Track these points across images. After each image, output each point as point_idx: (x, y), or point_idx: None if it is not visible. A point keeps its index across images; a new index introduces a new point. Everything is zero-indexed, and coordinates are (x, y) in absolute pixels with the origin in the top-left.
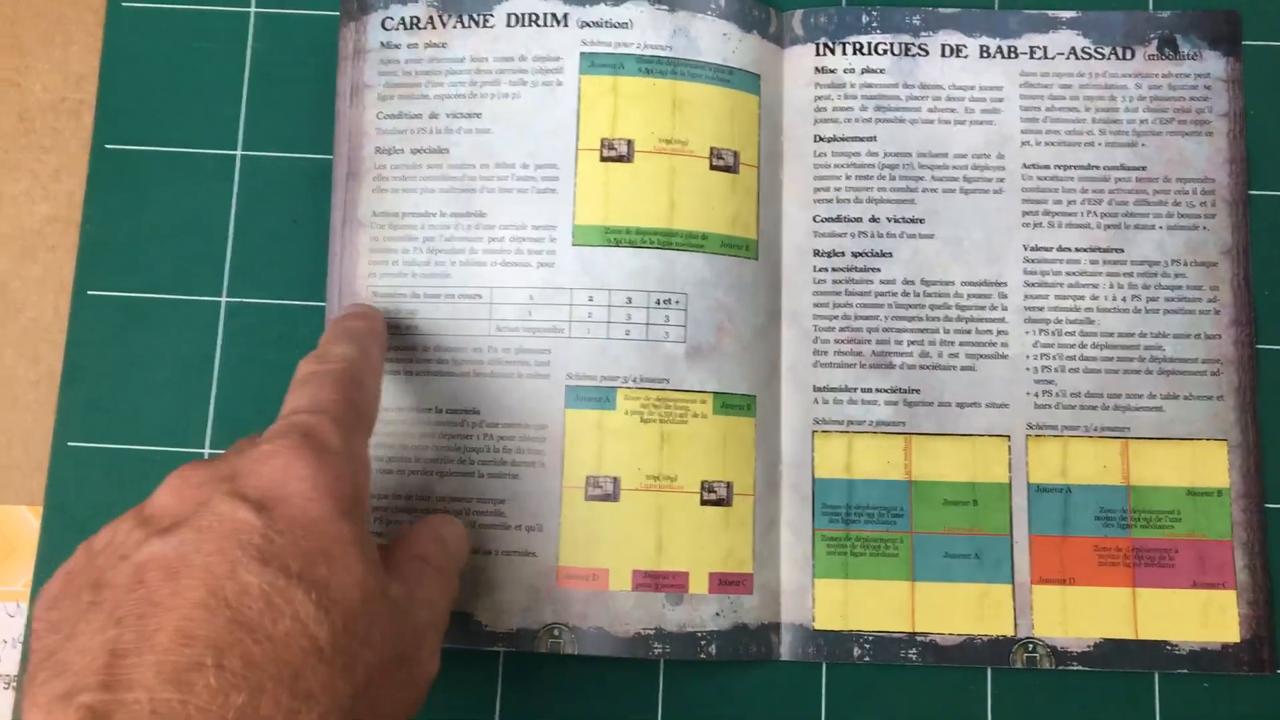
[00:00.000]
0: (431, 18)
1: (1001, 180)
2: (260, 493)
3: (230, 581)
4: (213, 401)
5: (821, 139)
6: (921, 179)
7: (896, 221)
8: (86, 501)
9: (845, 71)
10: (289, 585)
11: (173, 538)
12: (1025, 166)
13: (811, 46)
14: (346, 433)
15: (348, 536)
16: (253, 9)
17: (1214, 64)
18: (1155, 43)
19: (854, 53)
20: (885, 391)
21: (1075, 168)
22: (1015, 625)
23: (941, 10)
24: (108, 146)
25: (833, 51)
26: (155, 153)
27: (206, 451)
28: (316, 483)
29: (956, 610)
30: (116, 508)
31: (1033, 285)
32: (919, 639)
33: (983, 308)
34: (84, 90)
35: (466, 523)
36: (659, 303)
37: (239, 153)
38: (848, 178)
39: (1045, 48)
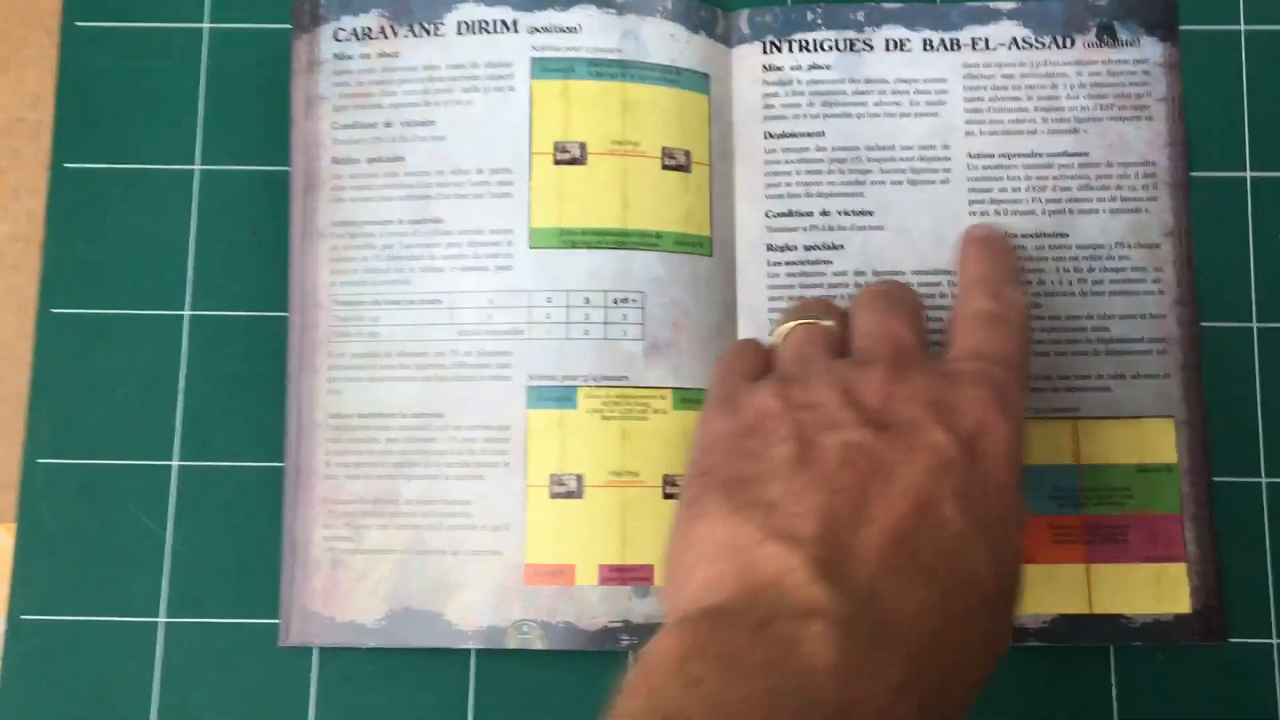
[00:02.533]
0: (383, 28)
1: (948, 170)
2: (968, 437)
3: (935, 510)
4: (179, 413)
5: (771, 135)
6: (870, 172)
7: (847, 214)
8: (59, 517)
9: (792, 69)
10: (977, 538)
11: (884, 438)
12: (970, 156)
13: (759, 45)
14: (1025, 397)
15: (1018, 512)
16: (205, 25)
17: (1152, 50)
18: (1094, 31)
19: (800, 50)
20: None
21: (1019, 156)
22: None
23: (885, 5)
24: (66, 165)
25: (779, 49)
26: (114, 170)
27: (175, 464)
28: (1010, 448)
29: None
30: (89, 522)
31: None
32: None
33: (933, 295)
34: (41, 110)
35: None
36: (616, 302)
37: (197, 167)
38: (798, 173)
39: (987, 39)
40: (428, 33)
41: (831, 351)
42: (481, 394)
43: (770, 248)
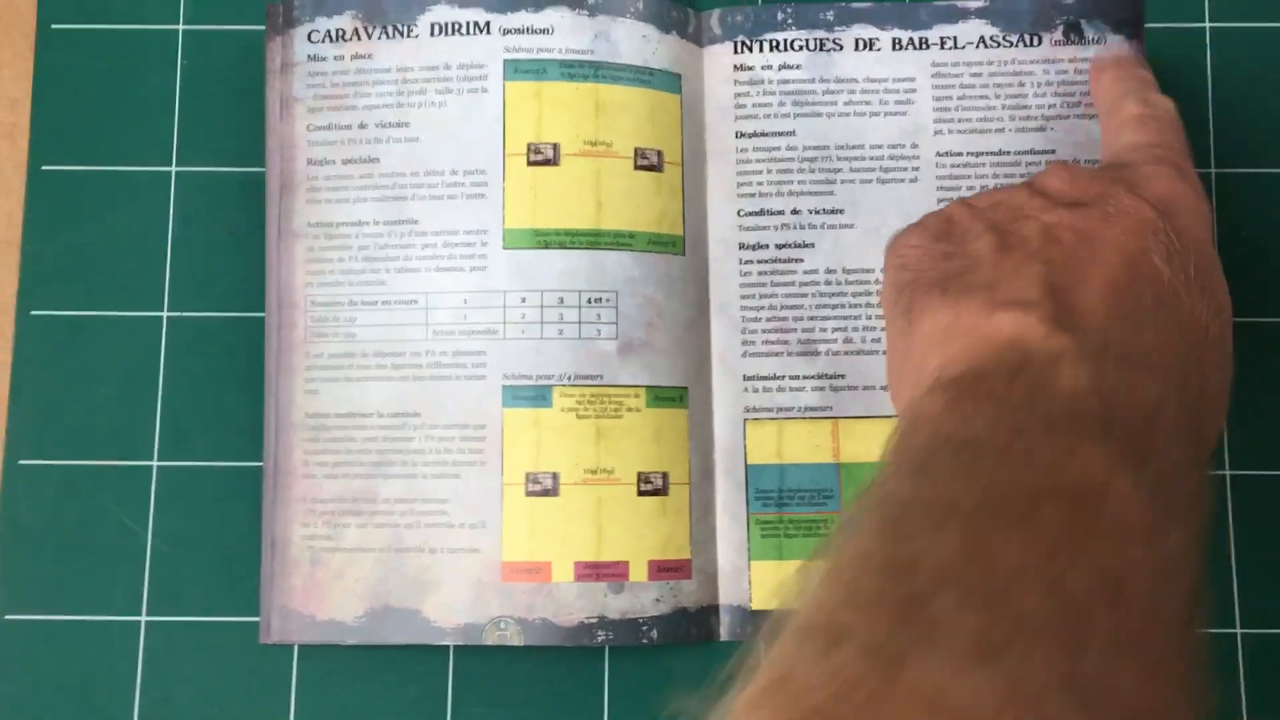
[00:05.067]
0: (356, 30)
1: (916, 169)
2: (1158, 199)
3: (1144, 262)
4: (158, 414)
5: (743, 135)
6: (840, 170)
7: (817, 213)
8: (40, 516)
9: (763, 68)
10: (1188, 286)
11: (1080, 212)
12: (939, 154)
13: (730, 45)
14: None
15: (1217, 262)
16: (180, 26)
17: (1118, 47)
18: (1061, 29)
19: (771, 50)
20: (812, 378)
21: (987, 154)
22: None
23: (854, 5)
24: (44, 168)
25: (750, 49)
26: (91, 172)
27: (155, 464)
28: (1198, 209)
29: None
30: (70, 522)
31: None
32: None
33: None
34: (17, 114)
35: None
36: (590, 301)
37: (174, 169)
38: (769, 172)
39: (955, 38)
40: (401, 34)
41: None
42: (457, 394)
43: (742, 246)
